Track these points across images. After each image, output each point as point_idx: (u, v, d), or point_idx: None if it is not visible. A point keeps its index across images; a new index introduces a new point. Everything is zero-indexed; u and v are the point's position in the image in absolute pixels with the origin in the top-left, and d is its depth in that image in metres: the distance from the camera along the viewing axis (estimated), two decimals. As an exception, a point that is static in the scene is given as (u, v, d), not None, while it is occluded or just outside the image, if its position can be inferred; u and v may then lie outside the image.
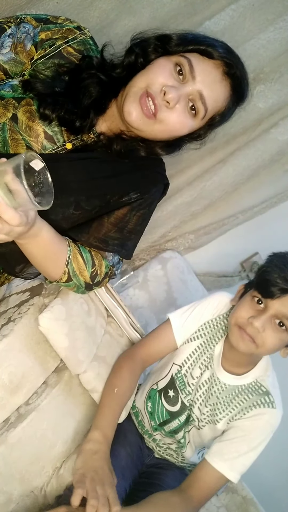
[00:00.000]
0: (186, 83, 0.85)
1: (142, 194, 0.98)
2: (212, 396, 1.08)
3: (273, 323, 0.94)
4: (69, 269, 0.92)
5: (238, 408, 1.05)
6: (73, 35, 0.93)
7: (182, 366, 1.12)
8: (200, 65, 0.84)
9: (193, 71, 0.84)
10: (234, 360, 1.06)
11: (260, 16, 1.38)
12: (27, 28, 0.92)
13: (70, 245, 0.93)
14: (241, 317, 0.97)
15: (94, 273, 0.96)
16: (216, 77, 0.86)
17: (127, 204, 0.97)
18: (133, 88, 0.86)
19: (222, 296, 1.13)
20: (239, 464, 1.01)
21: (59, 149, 0.93)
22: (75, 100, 0.89)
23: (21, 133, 0.90)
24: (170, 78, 0.84)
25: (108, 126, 0.96)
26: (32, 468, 1.01)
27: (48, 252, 0.88)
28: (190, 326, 1.12)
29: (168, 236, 1.75)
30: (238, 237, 1.82)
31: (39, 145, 0.91)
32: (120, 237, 0.97)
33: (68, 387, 1.09)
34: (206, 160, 1.60)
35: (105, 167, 0.95)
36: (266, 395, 1.04)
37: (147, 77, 0.85)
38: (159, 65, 0.85)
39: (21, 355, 0.98)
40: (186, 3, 1.32)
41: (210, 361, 1.09)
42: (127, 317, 1.25)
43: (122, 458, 1.11)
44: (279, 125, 1.56)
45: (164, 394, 1.15)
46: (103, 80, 0.90)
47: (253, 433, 1.02)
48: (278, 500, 1.67)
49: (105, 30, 1.29)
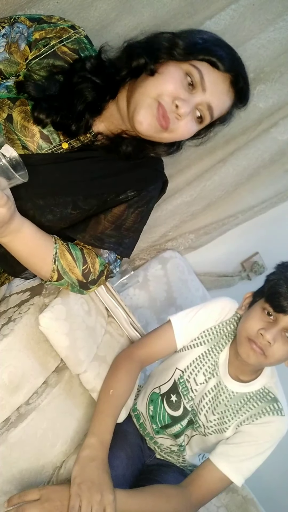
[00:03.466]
0: (196, 93, 0.86)
1: (139, 191, 0.98)
2: (220, 404, 1.07)
3: (283, 336, 0.94)
4: (57, 266, 0.92)
5: (246, 414, 1.05)
6: (67, 34, 0.92)
7: (185, 371, 1.12)
8: (210, 76, 0.85)
9: (204, 83, 0.85)
10: (241, 368, 1.05)
11: (260, 16, 1.38)
12: (21, 28, 0.91)
13: (57, 242, 0.93)
14: (251, 329, 0.96)
15: (86, 270, 0.95)
16: (223, 89, 0.88)
17: (124, 201, 0.97)
18: (144, 97, 0.85)
19: (225, 302, 1.12)
20: (245, 468, 1.01)
21: (55, 149, 0.93)
22: (70, 104, 0.89)
23: (16, 133, 0.90)
24: (181, 90, 0.84)
25: (106, 126, 0.95)
26: (32, 468, 1.01)
27: (33, 249, 0.89)
28: (192, 329, 1.11)
29: (168, 236, 1.75)
30: (238, 237, 1.82)
31: (35, 145, 0.91)
32: (117, 235, 0.97)
33: (69, 387, 1.09)
34: (206, 160, 1.60)
35: (102, 167, 0.95)
36: (274, 402, 1.04)
37: (159, 87, 0.84)
38: (170, 74, 0.84)
39: (21, 355, 0.98)
40: (186, 2, 1.32)
41: (216, 368, 1.09)
42: (128, 317, 1.25)
43: (123, 459, 1.11)
44: (279, 125, 1.56)
45: (167, 398, 1.15)
46: (98, 83, 0.89)
47: (262, 439, 1.02)
48: (278, 500, 1.67)
49: (105, 30, 1.29)
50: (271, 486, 1.67)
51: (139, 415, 1.23)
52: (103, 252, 0.98)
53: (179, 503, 0.97)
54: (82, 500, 0.86)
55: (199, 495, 1.00)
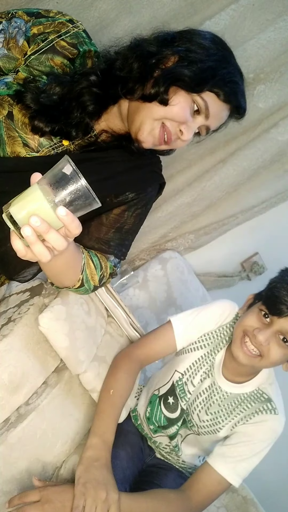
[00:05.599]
0: (198, 118, 0.90)
1: (138, 193, 0.98)
2: (213, 404, 1.08)
3: (277, 338, 0.95)
4: (83, 276, 0.89)
5: (240, 415, 1.06)
6: (66, 28, 0.91)
7: (184, 374, 1.12)
8: (214, 107, 0.89)
9: (208, 113, 0.89)
10: (236, 369, 1.06)
11: (260, 16, 1.38)
12: (18, 23, 0.91)
13: (83, 251, 0.90)
14: (248, 325, 0.98)
15: (101, 276, 0.94)
16: (223, 115, 0.93)
17: (123, 203, 0.97)
18: (151, 120, 0.87)
19: (225, 304, 1.12)
20: (241, 468, 1.01)
21: (56, 146, 0.92)
22: (69, 113, 0.89)
23: (17, 130, 0.90)
24: (188, 118, 0.88)
25: (107, 124, 0.96)
26: (32, 468, 1.01)
27: (70, 262, 0.84)
28: (192, 331, 1.12)
29: (168, 236, 1.75)
30: (238, 237, 1.82)
31: (35, 142, 0.91)
32: (119, 238, 0.97)
33: (68, 387, 1.09)
34: (206, 160, 1.61)
35: (102, 169, 0.95)
36: (268, 402, 1.04)
37: (168, 114, 0.87)
38: (181, 105, 0.86)
39: (21, 355, 0.98)
40: (186, 3, 1.33)
41: (211, 369, 1.09)
42: (127, 317, 1.25)
43: (123, 458, 1.11)
44: (279, 125, 1.56)
45: (164, 400, 1.15)
46: (100, 95, 0.89)
47: (257, 438, 1.02)
48: (278, 500, 1.67)
49: (105, 30, 1.29)
50: (271, 486, 1.67)
51: (137, 416, 1.23)
52: (110, 255, 0.98)
53: (180, 507, 0.97)
54: (86, 499, 0.86)
55: (199, 499, 1.00)
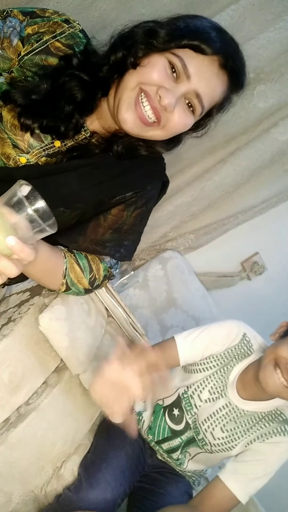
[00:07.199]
0: (181, 82, 0.81)
1: (137, 192, 0.96)
2: (230, 422, 1.06)
3: None
4: (66, 280, 0.91)
5: (257, 433, 1.05)
6: (61, 29, 0.88)
7: (190, 387, 1.11)
8: (193, 62, 0.80)
9: (187, 70, 0.79)
10: (256, 393, 1.03)
11: (260, 16, 1.38)
12: (13, 22, 0.87)
13: (66, 256, 0.91)
14: (282, 357, 0.94)
15: (92, 278, 0.95)
16: (212, 72, 0.82)
17: (121, 202, 0.95)
18: (125, 92, 0.81)
19: (231, 326, 1.08)
20: (252, 487, 1.00)
21: (47, 147, 0.90)
22: (57, 105, 0.85)
23: (6, 132, 0.88)
24: (166, 79, 0.80)
25: (101, 124, 0.93)
26: (32, 468, 1.01)
27: (45, 270, 0.88)
28: (195, 350, 1.08)
29: (168, 236, 1.75)
30: (238, 237, 1.82)
31: (25, 143, 0.89)
32: (117, 238, 0.94)
33: (68, 387, 1.09)
34: (206, 160, 1.60)
35: (98, 173, 0.92)
36: (286, 424, 1.03)
37: (141, 77, 0.80)
38: (153, 64, 0.80)
39: (21, 355, 0.98)
40: (186, 3, 1.32)
41: (224, 389, 1.07)
42: (127, 317, 1.25)
43: (123, 458, 1.11)
44: (279, 125, 1.56)
45: (169, 411, 1.14)
46: (87, 80, 0.85)
47: (270, 459, 1.02)
48: (278, 500, 1.67)
49: (105, 30, 1.28)
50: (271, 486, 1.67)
51: (140, 420, 1.22)
52: (105, 256, 0.97)
53: None
54: None
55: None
